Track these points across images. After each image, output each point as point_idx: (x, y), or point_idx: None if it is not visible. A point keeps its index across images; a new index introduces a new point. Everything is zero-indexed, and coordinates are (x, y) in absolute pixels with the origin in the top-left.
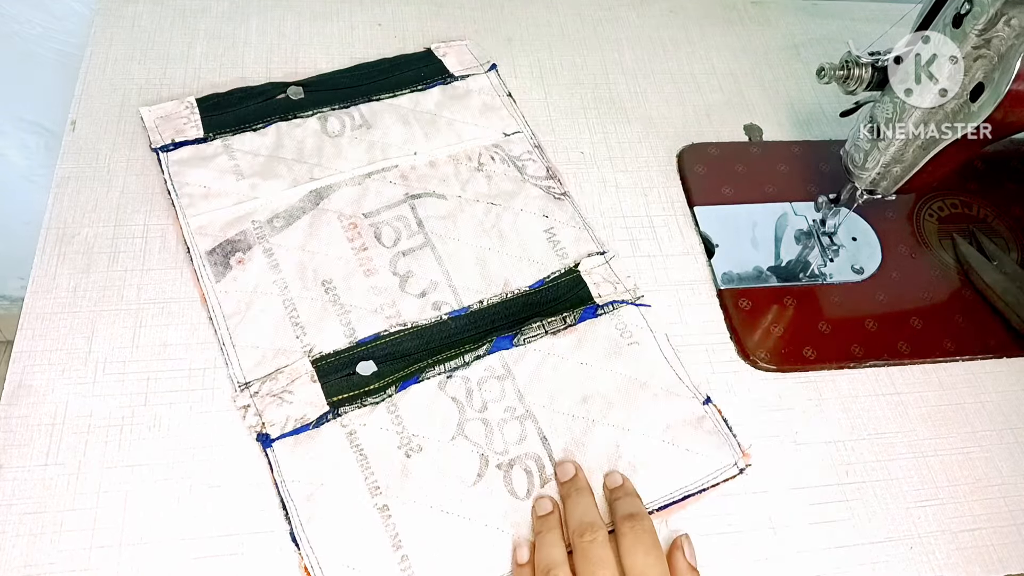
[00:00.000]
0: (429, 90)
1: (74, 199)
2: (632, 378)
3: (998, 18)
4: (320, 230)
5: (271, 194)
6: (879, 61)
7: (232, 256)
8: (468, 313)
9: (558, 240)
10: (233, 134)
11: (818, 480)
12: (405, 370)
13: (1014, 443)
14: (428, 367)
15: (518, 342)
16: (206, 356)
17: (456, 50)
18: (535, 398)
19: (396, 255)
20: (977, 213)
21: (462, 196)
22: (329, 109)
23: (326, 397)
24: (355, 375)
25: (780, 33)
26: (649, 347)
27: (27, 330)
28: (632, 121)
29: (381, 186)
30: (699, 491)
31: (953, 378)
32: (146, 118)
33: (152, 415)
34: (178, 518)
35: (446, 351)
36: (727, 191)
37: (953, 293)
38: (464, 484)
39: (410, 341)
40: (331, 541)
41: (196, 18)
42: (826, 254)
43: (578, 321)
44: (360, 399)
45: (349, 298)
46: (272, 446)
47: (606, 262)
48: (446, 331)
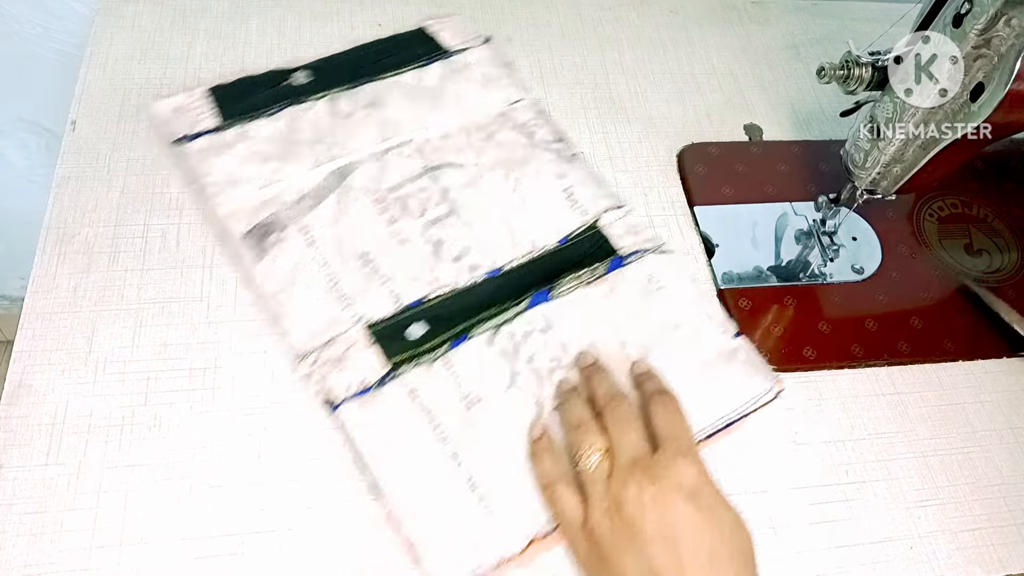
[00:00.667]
0: (430, 66)
1: (74, 199)
2: (664, 321)
3: (998, 18)
4: (349, 207)
5: (295, 176)
6: (879, 61)
7: (267, 238)
8: (502, 273)
9: (576, 199)
10: (248, 121)
11: (818, 480)
12: (453, 330)
13: (1014, 443)
14: (474, 325)
15: (554, 295)
16: (206, 356)
17: (450, 26)
18: (578, 347)
19: (425, 224)
20: (977, 213)
21: (478, 164)
22: (337, 91)
23: (384, 359)
24: (407, 338)
25: (780, 33)
26: (676, 291)
27: (27, 330)
28: (632, 121)
29: (399, 161)
30: (740, 418)
31: (953, 378)
32: (160, 112)
33: (152, 415)
34: (178, 518)
35: (488, 310)
36: (727, 191)
37: (953, 293)
38: (524, 428)
39: (453, 303)
40: (410, 489)
41: (196, 18)
42: (826, 254)
43: (607, 271)
44: (416, 359)
45: (388, 268)
46: (339, 410)
47: (624, 216)
48: (485, 291)
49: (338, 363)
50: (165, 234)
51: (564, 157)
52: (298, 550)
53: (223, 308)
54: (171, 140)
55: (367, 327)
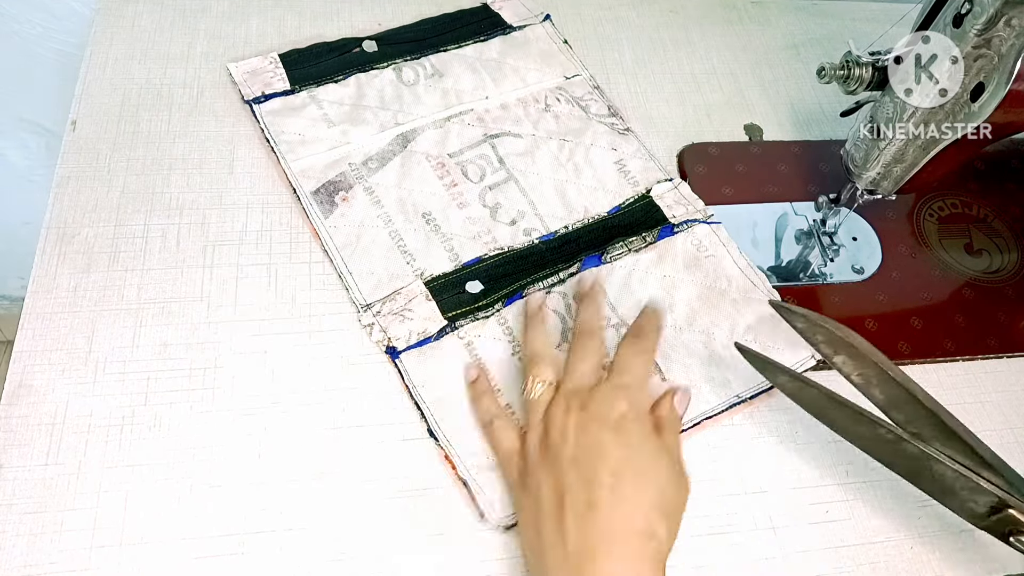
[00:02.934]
0: (490, 40)
1: (74, 199)
2: (711, 287)
3: (998, 18)
4: (412, 170)
5: (362, 139)
6: (879, 61)
7: (336, 195)
8: (556, 237)
9: (628, 170)
10: (317, 86)
11: (818, 480)
12: (508, 288)
13: (1014, 443)
14: (529, 284)
15: (605, 260)
16: (206, 356)
17: (511, 4)
18: (626, 309)
19: (483, 189)
20: (977, 213)
21: (535, 135)
22: (402, 60)
23: (442, 313)
24: (465, 293)
25: (780, 33)
26: (724, 258)
27: (27, 330)
28: (632, 121)
29: (461, 128)
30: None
31: (953, 378)
32: (235, 73)
33: (152, 415)
34: (178, 518)
35: (542, 270)
36: (727, 191)
37: (953, 293)
38: None
39: (509, 263)
40: (465, 434)
41: (196, 18)
42: (826, 254)
43: (657, 239)
44: (473, 314)
45: (448, 228)
46: (400, 357)
47: (675, 187)
48: (539, 253)
49: (400, 314)
50: (165, 234)
51: (617, 130)
52: (298, 550)
53: (223, 308)
54: (246, 100)
55: (427, 282)
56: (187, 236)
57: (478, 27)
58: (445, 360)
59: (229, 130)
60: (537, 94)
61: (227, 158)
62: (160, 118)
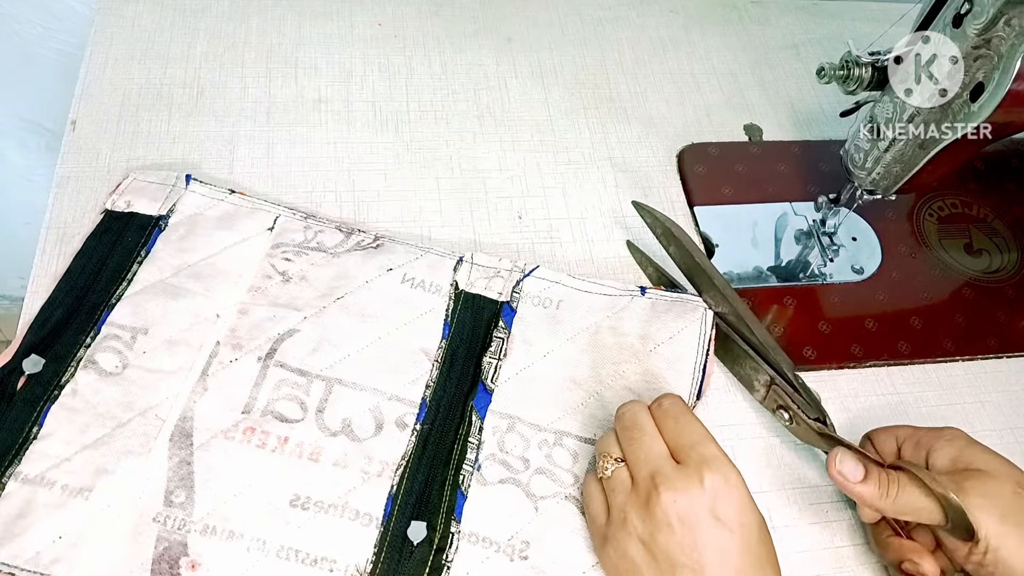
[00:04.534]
0: (153, 247)
1: (74, 199)
2: (581, 327)
3: (998, 18)
4: (233, 465)
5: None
6: (879, 61)
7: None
8: (427, 405)
9: (418, 281)
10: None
11: (818, 480)
12: (445, 504)
13: (1014, 443)
14: (455, 475)
15: (490, 387)
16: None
17: (136, 191)
18: (547, 417)
19: (314, 416)
20: (977, 213)
21: (303, 312)
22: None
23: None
24: (408, 543)
25: (780, 33)
26: (569, 296)
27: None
28: (632, 121)
29: (227, 377)
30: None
31: (953, 378)
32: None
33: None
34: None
35: (450, 450)
36: (727, 191)
37: (953, 293)
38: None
39: (418, 471)
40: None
41: (196, 18)
42: (826, 254)
43: (509, 327)
44: (441, 553)
45: (323, 494)
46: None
47: (471, 263)
48: (432, 436)
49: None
50: None
51: (371, 247)
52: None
53: None
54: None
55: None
56: None
57: (137, 239)
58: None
59: (229, 130)
60: (258, 272)
61: (227, 158)
62: (160, 118)
